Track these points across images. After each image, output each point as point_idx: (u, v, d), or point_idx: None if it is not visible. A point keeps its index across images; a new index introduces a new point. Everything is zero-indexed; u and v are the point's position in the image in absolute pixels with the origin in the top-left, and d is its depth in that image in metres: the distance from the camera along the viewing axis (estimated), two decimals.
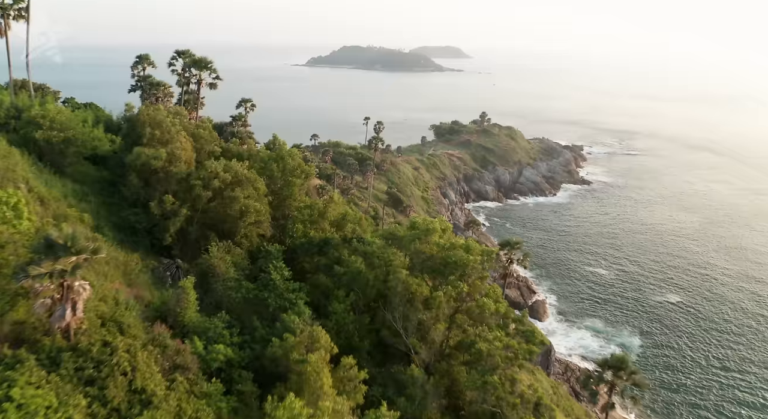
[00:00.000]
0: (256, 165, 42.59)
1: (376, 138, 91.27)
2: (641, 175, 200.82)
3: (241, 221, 35.87)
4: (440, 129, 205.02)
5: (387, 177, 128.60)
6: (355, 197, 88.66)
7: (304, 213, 41.11)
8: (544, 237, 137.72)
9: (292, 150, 46.59)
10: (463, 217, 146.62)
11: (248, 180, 36.76)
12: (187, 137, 38.42)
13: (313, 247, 37.59)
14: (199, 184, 34.76)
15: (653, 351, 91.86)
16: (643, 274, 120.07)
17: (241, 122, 59.25)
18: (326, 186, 69.79)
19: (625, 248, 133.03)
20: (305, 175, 45.75)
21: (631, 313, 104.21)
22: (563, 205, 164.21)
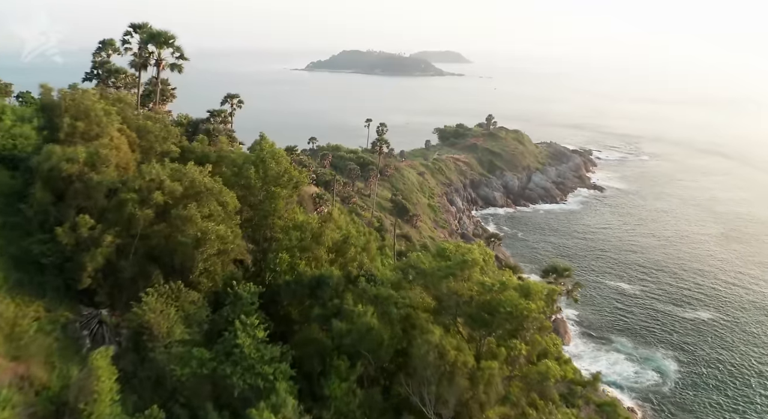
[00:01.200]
0: (226, 171, 31.29)
1: (381, 140, 79.66)
2: (655, 181, 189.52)
3: (198, 252, 24.45)
4: (445, 133, 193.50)
5: (391, 183, 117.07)
6: (357, 205, 77.25)
7: (293, 237, 29.63)
8: (558, 248, 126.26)
9: (277, 151, 34.93)
10: (471, 225, 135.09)
11: (209, 192, 25.34)
12: (126, 132, 27.04)
13: (302, 288, 26.17)
14: (133, 198, 23.30)
15: (693, 375, 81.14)
16: (668, 288, 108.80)
17: (221, 119, 47.88)
18: (324, 195, 58.32)
19: (646, 259, 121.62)
20: (295, 184, 34.31)
21: (660, 332, 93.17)
22: (576, 212, 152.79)
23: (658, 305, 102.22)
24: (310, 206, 54.41)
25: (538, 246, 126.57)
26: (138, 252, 24.23)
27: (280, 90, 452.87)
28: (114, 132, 25.53)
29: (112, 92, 32.71)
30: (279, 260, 27.52)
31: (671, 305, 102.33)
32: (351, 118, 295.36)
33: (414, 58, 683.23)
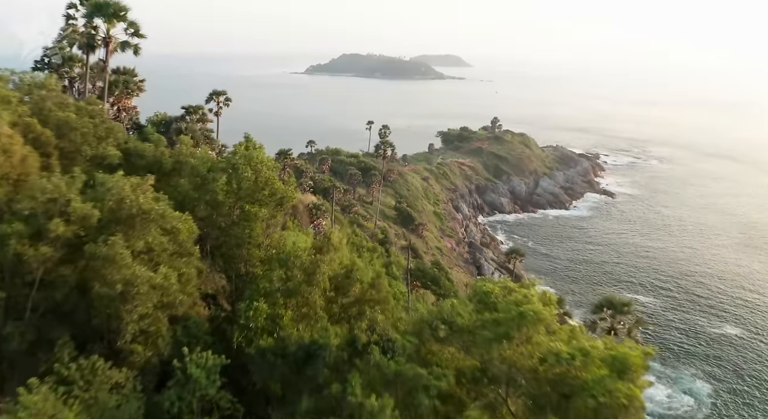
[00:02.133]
0: (185, 184, 22.78)
1: (385, 143, 71.07)
2: (666, 186, 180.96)
3: (126, 309, 15.91)
4: (448, 136, 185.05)
5: (394, 189, 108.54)
6: (358, 215, 68.80)
7: (275, 277, 20.93)
8: (572, 257, 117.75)
9: (256, 155, 26.35)
10: (479, 233, 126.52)
11: (146, 217, 16.83)
12: (33, 127, 18.54)
13: (285, 362, 17.52)
14: (18, 230, 14.78)
15: (728, 397, 73.26)
16: (690, 300, 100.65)
17: (198, 117, 39.44)
18: (322, 205, 49.84)
19: (664, 269, 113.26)
20: (279, 200, 25.88)
21: (687, 350, 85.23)
22: (587, 219, 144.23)
23: (682, 318, 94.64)
24: (305, 218, 45.83)
25: (551, 256, 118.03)
26: (38, 309, 15.81)
27: (279, 93, 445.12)
28: (2, 128, 17.10)
29: (31, 77, 24.37)
30: (253, 313, 18.88)
31: (695, 319, 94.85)
32: (351, 121, 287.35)
33: (414, 61, 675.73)
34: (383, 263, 53.75)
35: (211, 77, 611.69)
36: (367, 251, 52.07)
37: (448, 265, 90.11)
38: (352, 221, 66.23)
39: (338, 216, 62.35)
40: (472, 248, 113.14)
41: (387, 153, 72.01)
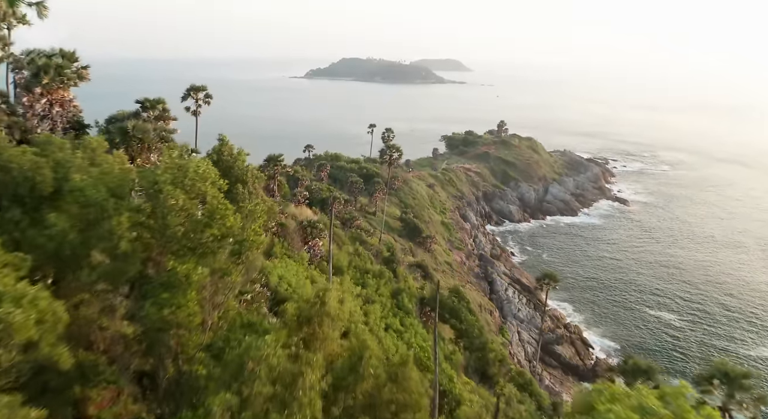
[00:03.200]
0: (60, 222, 12.94)
1: (391, 147, 61.66)
2: (680, 193, 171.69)
3: None
4: (453, 140, 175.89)
5: (399, 198, 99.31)
6: (362, 231, 59.48)
7: (226, 396, 11.04)
8: (590, 270, 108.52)
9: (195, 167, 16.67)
10: (488, 244, 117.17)
11: None
12: None
13: None
14: None
15: None
16: (719, 318, 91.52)
17: (156, 113, 30.31)
18: (318, 223, 40.58)
19: (689, 284, 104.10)
20: (239, 246, 16.58)
21: None
22: (602, 229, 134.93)
23: (713, 340, 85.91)
24: (297, 241, 36.54)
25: (568, 268, 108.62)
26: None
27: (277, 97, 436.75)
28: None
29: None
30: None
31: (728, 340, 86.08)
32: (351, 125, 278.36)
33: (415, 65, 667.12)
34: (392, 290, 44.58)
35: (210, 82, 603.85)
36: (373, 277, 42.94)
37: (460, 282, 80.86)
38: (355, 238, 56.93)
39: (338, 233, 53.02)
40: (483, 261, 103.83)
41: (394, 158, 62.67)
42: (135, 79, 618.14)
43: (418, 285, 56.48)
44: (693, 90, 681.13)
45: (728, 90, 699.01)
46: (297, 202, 52.75)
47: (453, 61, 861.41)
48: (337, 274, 40.82)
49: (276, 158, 46.31)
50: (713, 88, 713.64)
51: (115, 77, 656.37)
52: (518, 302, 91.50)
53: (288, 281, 28.15)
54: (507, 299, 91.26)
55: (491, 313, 79.26)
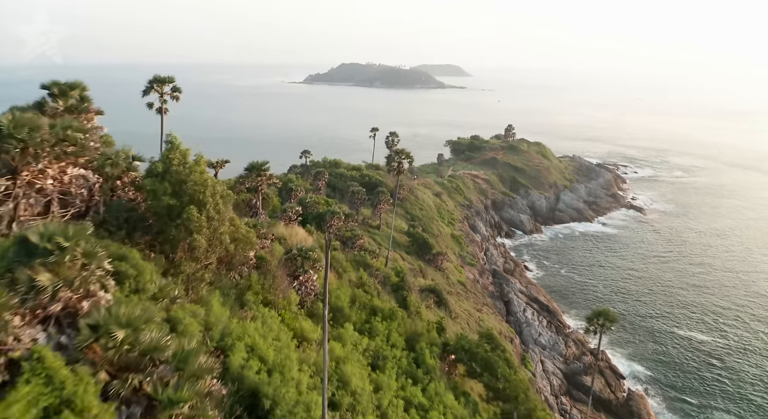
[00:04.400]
0: None
1: (399, 152, 51.67)
2: (698, 200, 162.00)
3: None
4: (458, 145, 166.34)
5: (404, 208, 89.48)
6: (366, 253, 49.54)
7: None
8: (612, 286, 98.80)
9: None
10: (500, 258, 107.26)
11: None
12: None
13: None
14: None
15: None
16: (756, 339, 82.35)
17: (69, 103, 20.68)
18: (312, 252, 30.65)
19: (718, 300, 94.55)
20: None
21: None
22: (619, 239, 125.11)
23: (749, 363, 76.75)
24: (282, 278, 26.69)
25: (588, 285, 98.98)
26: None
27: (276, 102, 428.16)
28: None
29: None
30: None
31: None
32: (351, 130, 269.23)
33: (414, 71, 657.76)
34: (407, 334, 34.71)
35: (209, 86, 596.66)
36: (382, 320, 33.10)
37: (475, 306, 71.00)
38: (357, 262, 47.09)
39: (337, 257, 43.16)
40: (497, 278, 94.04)
41: (403, 166, 52.57)
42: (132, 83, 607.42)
43: (434, 318, 46.67)
44: (695, 95, 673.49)
45: (728, 95, 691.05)
46: (287, 219, 42.94)
47: (452, 67, 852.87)
48: (336, 319, 30.91)
49: (259, 166, 36.42)
50: (714, 93, 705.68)
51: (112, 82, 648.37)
52: (539, 326, 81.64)
53: (262, 353, 18.34)
54: (526, 322, 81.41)
55: (511, 340, 69.45)
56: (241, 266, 26.73)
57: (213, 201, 21.57)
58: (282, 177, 74.22)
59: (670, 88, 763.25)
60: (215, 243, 22.11)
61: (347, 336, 27.56)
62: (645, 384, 74.37)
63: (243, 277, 27.09)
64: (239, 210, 38.21)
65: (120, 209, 22.34)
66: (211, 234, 21.71)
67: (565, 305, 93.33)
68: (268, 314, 22.83)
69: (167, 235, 21.95)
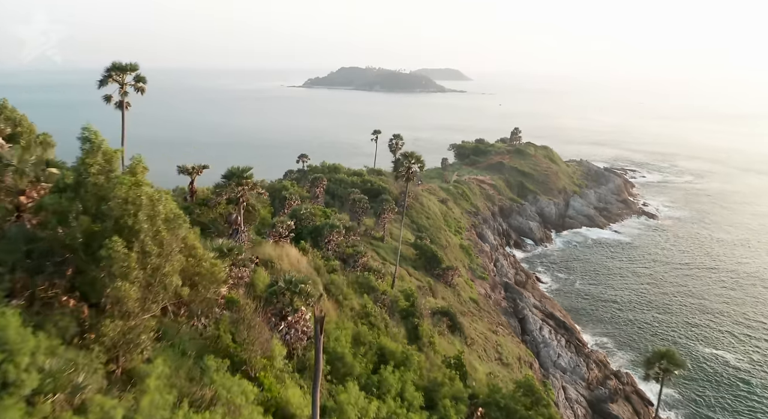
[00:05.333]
0: None
1: (409, 156, 44.21)
2: (711, 206, 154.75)
3: None
4: (463, 149, 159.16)
5: (410, 217, 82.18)
6: (370, 273, 42.18)
7: None
8: (631, 300, 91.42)
9: None
10: (511, 269, 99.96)
11: None
12: None
13: None
14: None
15: None
16: None
17: None
18: (305, 285, 23.55)
19: (749, 315, 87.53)
20: None
21: None
22: (634, 248, 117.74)
23: None
24: (261, 330, 19.31)
25: (605, 298, 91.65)
26: None
27: (275, 106, 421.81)
28: None
29: None
30: None
31: None
32: (351, 134, 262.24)
33: (414, 75, 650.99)
34: (425, 385, 27.37)
35: (209, 91, 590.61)
36: (393, 370, 25.89)
37: (490, 327, 63.64)
38: (360, 285, 39.85)
39: (337, 282, 35.85)
40: (510, 292, 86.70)
41: (412, 172, 44.96)
42: None
43: (452, 352, 39.42)
44: (696, 99, 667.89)
45: (728, 99, 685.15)
46: (277, 236, 35.70)
47: (452, 71, 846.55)
48: (335, 372, 23.60)
49: (241, 172, 29.22)
50: (713, 97, 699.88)
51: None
52: (557, 346, 74.26)
53: None
54: (543, 342, 74.04)
55: (531, 366, 62.19)
56: (203, 311, 19.45)
57: (151, 228, 14.36)
58: (276, 183, 67.00)
59: (671, 93, 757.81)
60: (156, 290, 14.86)
61: (350, 401, 20.29)
62: (675, 408, 67.30)
63: (208, 325, 19.83)
64: (217, 228, 31.00)
65: (19, 239, 15.11)
66: (148, 277, 14.46)
67: (581, 320, 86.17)
68: (238, 388, 15.55)
69: (88, 276, 14.74)
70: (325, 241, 42.55)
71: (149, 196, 14.67)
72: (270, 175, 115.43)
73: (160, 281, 15.31)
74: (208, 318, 19.91)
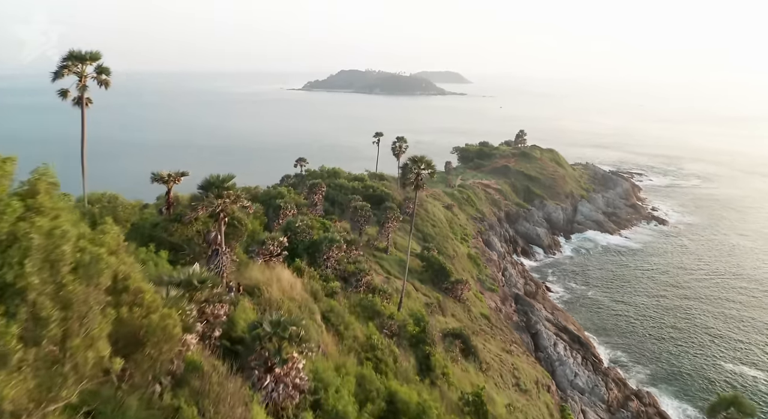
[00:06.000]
0: None
1: (419, 160, 38.43)
2: (722, 211, 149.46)
3: None
4: (467, 152, 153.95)
5: (414, 225, 76.84)
6: (376, 295, 36.87)
7: None
8: (647, 311, 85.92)
9: None
10: (520, 278, 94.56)
11: None
12: None
13: None
14: None
15: None
16: None
17: None
18: (298, 326, 18.49)
19: None
20: None
21: None
22: (647, 256, 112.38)
23: None
24: (236, 401, 13.83)
25: (620, 310, 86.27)
26: None
27: (274, 109, 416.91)
28: None
29: None
30: None
31: None
32: (351, 137, 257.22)
33: (415, 77, 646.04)
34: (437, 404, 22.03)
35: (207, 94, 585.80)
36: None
37: (504, 346, 58.27)
38: (365, 308, 34.56)
39: (336, 309, 30.50)
40: (520, 304, 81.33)
41: (421, 178, 39.26)
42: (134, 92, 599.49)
43: (470, 388, 34.12)
44: (696, 101, 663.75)
45: (727, 101, 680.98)
46: (267, 255, 30.41)
47: (452, 74, 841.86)
48: None
49: (220, 182, 23.91)
50: (714, 99, 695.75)
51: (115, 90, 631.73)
52: (573, 363, 68.86)
53: None
54: (559, 360, 68.66)
55: (548, 389, 56.85)
56: (157, 374, 14.17)
57: (49, 281, 9.09)
58: (271, 190, 61.73)
59: (671, 96, 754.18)
60: (64, 372, 9.63)
61: None
62: None
63: (164, 391, 14.56)
64: (193, 249, 25.69)
65: None
66: (46, 356, 9.19)
67: (595, 332, 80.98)
68: None
69: None
70: (324, 258, 37.27)
71: (48, 231, 9.38)
72: (266, 179, 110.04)
73: (71, 357, 10.01)
74: (162, 385, 14.62)
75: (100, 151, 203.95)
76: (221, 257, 25.38)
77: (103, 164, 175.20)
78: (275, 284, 27.68)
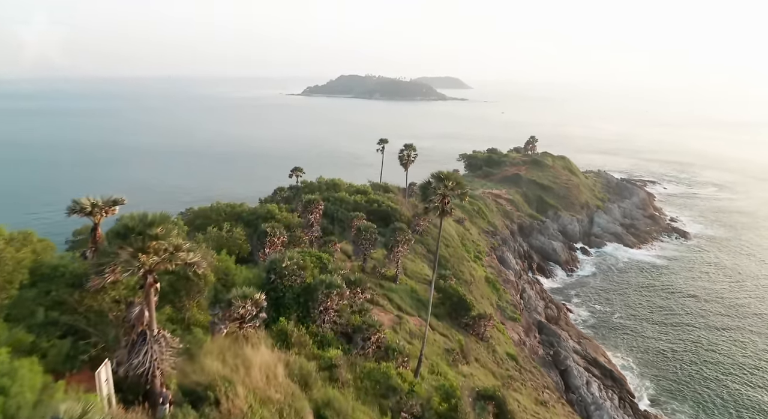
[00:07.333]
0: None
1: (445, 177, 28.76)
2: (745, 221, 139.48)
3: None
4: (474, 160, 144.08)
5: (425, 245, 67.02)
6: (387, 366, 27.28)
7: None
8: (678, 337, 76.06)
9: None
10: (539, 300, 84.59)
11: None
12: None
13: None
14: None
15: None
16: None
17: None
18: None
19: None
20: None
21: None
22: (672, 272, 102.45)
23: None
24: None
25: (650, 336, 76.23)
26: None
27: (273, 114, 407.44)
28: None
29: None
30: None
31: None
32: (351, 144, 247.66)
33: (415, 83, 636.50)
34: None
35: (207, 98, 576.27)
36: None
37: (536, 396, 48.22)
38: (376, 382, 24.65)
39: (335, 401, 20.45)
40: (545, 334, 71.30)
41: (448, 202, 29.52)
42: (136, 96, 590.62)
43: None
44: (698, 105, 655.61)
45: (729, 106, 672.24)
46: (237, 322, 20.61)
47: (452, 79, 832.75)
48: None
49: (144, 228, 14.01)
50: (715, 104, 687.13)
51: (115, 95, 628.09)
52: (611, 407, 58.81)
53: None
54: (594, 403, 58.58)
55: None
56: None
57: None
58: (259, 208, 51.80)
59: (671, 100, 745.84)
60: None
61: None
62: None
63: None
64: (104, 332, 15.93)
65: None
66: None
67: (626, 363, 71.10)
68: None
69: None
70: (320, 309, 27.50)
71: None
72: (259, 189, 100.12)
73: None
74: None
75: (101, 157, 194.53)
76: (150, 345, 15.44)
77: (102, 170, 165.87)
78: (243, 378, 17.72)
